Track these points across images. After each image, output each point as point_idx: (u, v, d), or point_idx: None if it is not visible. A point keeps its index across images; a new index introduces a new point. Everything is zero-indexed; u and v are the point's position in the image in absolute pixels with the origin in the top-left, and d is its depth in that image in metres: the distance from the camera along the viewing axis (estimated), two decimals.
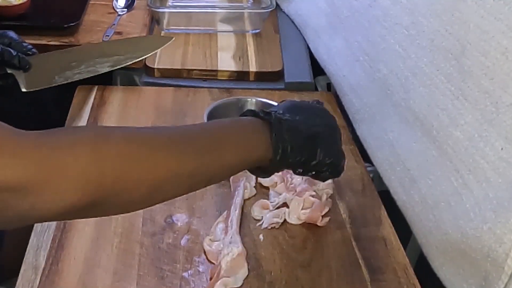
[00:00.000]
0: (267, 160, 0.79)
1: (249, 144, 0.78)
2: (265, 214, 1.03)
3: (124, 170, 0.65)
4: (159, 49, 1.25)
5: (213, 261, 0.93)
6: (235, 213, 1.00)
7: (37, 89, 1.08)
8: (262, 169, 0.81)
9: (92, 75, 1.12)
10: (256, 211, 1.04)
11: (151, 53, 1.25)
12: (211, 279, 0.90)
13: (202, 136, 0.75)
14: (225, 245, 0.94)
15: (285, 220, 1.02)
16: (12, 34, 1.12)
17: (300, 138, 0.80)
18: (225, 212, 1.01)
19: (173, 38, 1.28)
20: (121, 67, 1.31)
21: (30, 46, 1.12)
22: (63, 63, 1.12)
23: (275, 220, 1.02)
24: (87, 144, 0.63)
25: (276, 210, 1.03)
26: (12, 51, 1.07)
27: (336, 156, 0.85)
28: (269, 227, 1.01)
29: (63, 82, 1.10)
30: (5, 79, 1.09)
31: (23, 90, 1.07)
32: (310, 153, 0.82)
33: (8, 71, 1.07)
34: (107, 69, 1.14)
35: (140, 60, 1.26)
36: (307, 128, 0.82)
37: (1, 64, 1.07)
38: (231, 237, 0.96)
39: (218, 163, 0.75)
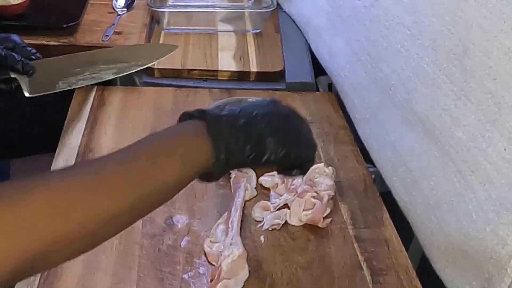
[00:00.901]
0: (212, 163, 0.71)
1: (190, 152, 0.70)
2: (266, 216, 1.03)
3: (52, 228, 0.56)
4: (163, 57, 1.24)
5: (213, 262, 0.93)
6: (235, 215, 1.01)
7: (40, 94, 1.08)
8: (210, 174, 0.72)
9: (96, 82, 1.13)
10: (257, 212, 1.04)
11: (156, 61, 1.26)
12: (211, 281, 0.90)
13: (135, 162, 0.66)
14: (226, 247, 0.94)
15: (286, 221, 1.02)
16: (16, 37, 1.11)
17: (242, 131, 0.73)
18: (226, 214, 1.01)
19: (178, 47, 1.28)
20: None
21: (34, 51, 1.11)
22: (66, 68, 1.12)
23: (276, 221, 1.02)
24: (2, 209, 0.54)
25: (277, 212, 1.03)
26: (15, 55, 1.06)
27: (292, 145, 0.76)
28: (270, 229, 1.01)
29: (67, 88, 1.10)
30: (8, 83, 1.08)
31: (26, 95, 1.07)
32: (259, 146, 0.73)
33: (12, 75, 1.07)
34: (111, 76, 1.14)
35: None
36: (249, 120, 0.74)
37: (5, 69, 1.06)
38: (231, 239, 0.96)
39: (159, 186, 0.67)
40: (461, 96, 0.89)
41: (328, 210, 1.03)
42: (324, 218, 1.02)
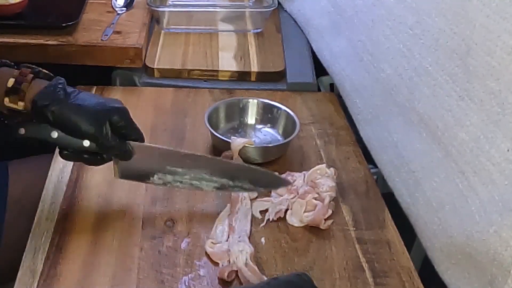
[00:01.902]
0: None
1: None
2: (269, 207, 1.04)
3: None
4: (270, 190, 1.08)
5: (218, 261, 0.93)
6: (243, 211, 1.02)
7: (130, 180, 1.01)
8: None
9: (191, 189, 1.02)
10: (259, 206, 1.04)
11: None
12: (221, 279, 0.91)
13: None
14: (234, 243, 0.94)
15: (287, 223, 1.02)
16: (119, 116, 0.95)
17: None
18: (223, 214, 1.02)
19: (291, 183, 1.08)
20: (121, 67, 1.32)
21: (140, 132, 0.99)
22: (167, 163, 1.00)
23: (279, 207, 1.03)
24: None
25: (278, 200, 1.04)
26: (120, 145, 0.95)
27: None
28: (275, 218, 1.02)
29: (161, 185, 1.01)
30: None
31: (115, 177, 0.99)
32: None
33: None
34: (210, 189, 1.02)
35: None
36: None
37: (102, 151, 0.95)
38: (239, 237, 0.96)
39: None
40: (464, 97, 0.89)
41: (330, 212, 1.03)
42: (326, 219, 1.02)
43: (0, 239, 1.10)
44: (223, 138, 1.14)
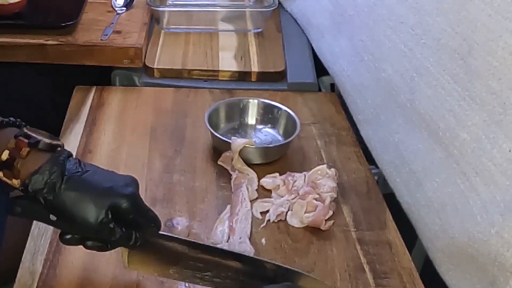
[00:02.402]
0: None
1: None
2: (269, 208, 1.04)
3: None
4: None
5: None
6: (243, 212, 1.01)
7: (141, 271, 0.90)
8: None
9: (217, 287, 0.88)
10: (259, 207, 1.04)
11: None
12: None
13: None
14: (235, 244, 0.94)
15: (288, 224, 1.02)
16: (134, 192, 0.84)
17: None
18: (224, 215, 1.02)
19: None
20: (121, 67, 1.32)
21: (155, 220, 0.87)
22: (187, 256, 0.87)
23: (280, 209, 1.03)
24: None
25: (279, 201, 1.04)
26: (132, 236, 0.83)
27: None
28: (276, 220, 1.02)
29: (177, 280, 0.89)
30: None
31: (123, 265, 0.89)
32: None
33: None
34: None
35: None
36: None
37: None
38: (240, 238, 0.96)
39: None
40: (466, 97, 0.89)
41: (330, 212, 1.03)
42: (326, 220, 1.02)
43: (0, 240, 1.10)
44: (224, 138, 1.14)
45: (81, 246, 0.93)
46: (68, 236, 0.84)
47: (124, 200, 0.81)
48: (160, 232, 0.87)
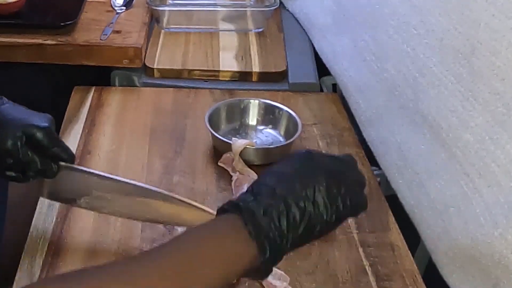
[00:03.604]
0: (258, 261, 0.67)
1: (232, 256, 0.67)
2: None
3: None
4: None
5: None
6: None
7: (57, 201, 0.99)
8: (258, 271, 0.68)
9: (124, 217, 0.97)
10: None
11: None
12: None
13: (176, 268, 0.64)
14: None
15: None
16: (48, 126, 0.92)
17: (285, 217, 0.68)
18: None
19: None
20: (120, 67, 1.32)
21: (66, 149, 0.94)
22: (95, 187, 0.94)
23: None
24: None
25: None
26: (38, 161, 0.90)
27: (343, 208, 0.71)
28: None
29: (87, 209, 0.96)
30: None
31: (42, 197, 0.98)
32: (305, 226, 0.69)
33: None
34: (142, 220, 0.97)
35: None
36: (290, 198, 0.69)
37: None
38: None
39: None
40: (469, 97, 0.89)
41: None
42: None
43: None
44: (224, 139, 1.15)
45: (80, 249, 0.94)
46: None
47: (39, 130, 0.90)
48: (74, 165, 0.94)
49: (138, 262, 0.64)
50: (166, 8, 1.55)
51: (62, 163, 0.92)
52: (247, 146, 1.12)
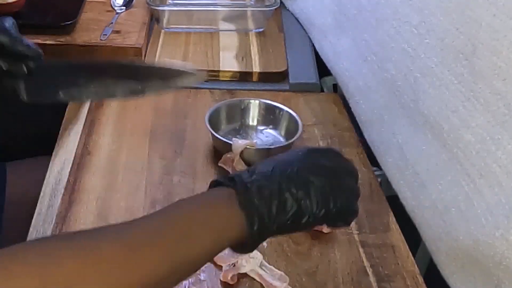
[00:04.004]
0: (245, 235, 0.69)
1: (222, 225, 0.68)
2: None
3: None
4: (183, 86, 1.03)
5: (221, 264, 0.93)
6: None
7: (39, 101, 0.98)
8: (244, 244, 0.70)
9: (103, 98, 1.02)
10: None
11: (173, 89, 1.09)
12: (223, 282, 0.91)
13: (167, 233, 0.65)
14: None
15: None
16: (8, 26, 0.95)
17: (276, 198, 0.69)
18: None
19: (204, 76, 1.09)
20: None
21: (31, 46, 0.96)
22: (69, 76, 0.96)
23: None
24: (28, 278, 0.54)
25: None
26: (1, 64, 0.93)
27: (333, 203, 0.73)
28: None
29: (69, 101, 1.01)
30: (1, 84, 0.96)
31: (25, 99, 0.97)
32: (295, 211, 0.70)
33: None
34: (119, 97, 1.00)
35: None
36: (283, 182, 0.71)
37: None
38: None
39: (191, 258, 0.66)
40: (470, 97, 0.89)
41: None
42: None
43: None
44: (224, 139, 1.15)
45: None
46: None
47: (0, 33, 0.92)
48: (44, 60, 0.96)
49: (129, 229, 0.64)
50: (166, 8, 1.55)
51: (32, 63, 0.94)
52: (248, 147, 1.12)
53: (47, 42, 1.36)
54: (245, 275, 0.93)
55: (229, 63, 1.43)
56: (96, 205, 1.04)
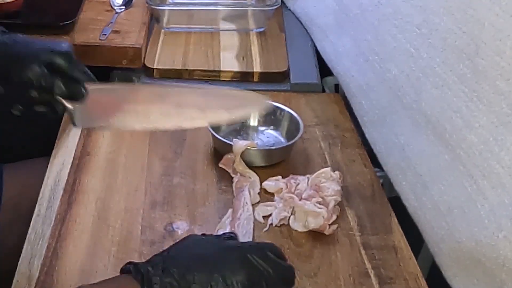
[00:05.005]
0: None
1: None
2: (272, 212, 1.04)
3: None
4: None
5: None
6: (245, 217, 1.02)
7: (91, 127, 0.96)
8: None
9: (157, 130, 0.97)
10: (261, 210, 1.04)
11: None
12: None
13: None
14: None
15: (290, 228, 1.02)
16: (67, 50, 0.93)
17: None
18: (224, 219, 1.02)
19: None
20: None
21: (87, 72, 0.94)
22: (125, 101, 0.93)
23: (283, 214, 1.02)
24: None
25: (282, 205, 1.04)
26: (61, 85, 0.89)
27: None
28: (279, 224, 1.02)
29: (121, 129, 0.96)
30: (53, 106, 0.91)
31: (75, 126, 0.94)
32: None
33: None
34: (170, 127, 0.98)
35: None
36: (198, 286, 0.71)
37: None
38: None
39: None
40: (473, 98, 0.89)
41: (334, 217, 1.03)
42: (330, 224, 1.02)
43: None
44: (225, 140, 1.15)
45: (79, 251, 0.94)
46: (16, 108, 0.89)
47: (59, 55, 0.89)
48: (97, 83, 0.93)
49: None
50: (166, 8, 1.55)
51: (90, 85, 0.91)
52: (248, 147, 1.12)
53: None
54: None
55: (229, 63, 1.43)
56: (96, 206, 1.04)
